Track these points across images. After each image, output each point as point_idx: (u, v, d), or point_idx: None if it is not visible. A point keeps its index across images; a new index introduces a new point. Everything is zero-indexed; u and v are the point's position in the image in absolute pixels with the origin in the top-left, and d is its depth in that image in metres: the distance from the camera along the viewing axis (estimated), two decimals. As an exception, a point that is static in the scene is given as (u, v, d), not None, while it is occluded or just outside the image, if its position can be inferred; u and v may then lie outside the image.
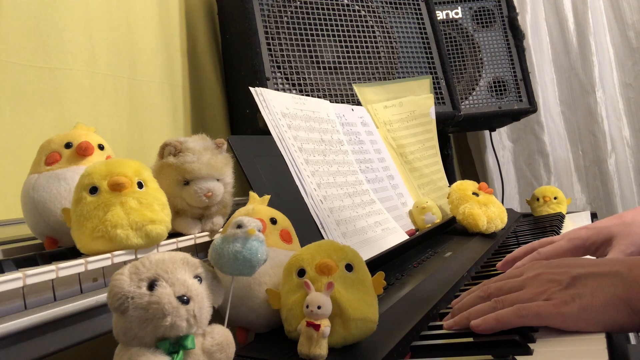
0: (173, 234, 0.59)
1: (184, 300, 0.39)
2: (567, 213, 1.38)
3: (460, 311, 0.58)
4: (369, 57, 1.27)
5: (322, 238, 0.76)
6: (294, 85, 1.13)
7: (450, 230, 1.09)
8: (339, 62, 1.22)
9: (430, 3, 1.43)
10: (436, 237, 1.04)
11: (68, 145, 0.60)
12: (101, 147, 0.62)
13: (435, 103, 1.30)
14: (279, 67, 1.12)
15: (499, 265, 0.78)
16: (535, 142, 2.01)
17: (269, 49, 1.12)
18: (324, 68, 1.19)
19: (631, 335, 0.68)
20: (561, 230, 1.11)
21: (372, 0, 1.32)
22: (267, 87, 1.00)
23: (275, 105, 0.87)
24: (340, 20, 1.25)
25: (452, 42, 1.65)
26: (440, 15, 1.63)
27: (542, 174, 2.00)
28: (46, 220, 0.56)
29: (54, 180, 0.57)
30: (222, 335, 0.42)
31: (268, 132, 0.82)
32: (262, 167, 0.75)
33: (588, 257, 0.71)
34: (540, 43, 2.00)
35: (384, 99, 1.23)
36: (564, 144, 2.02)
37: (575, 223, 1.23)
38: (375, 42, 1.29)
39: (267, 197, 0.62)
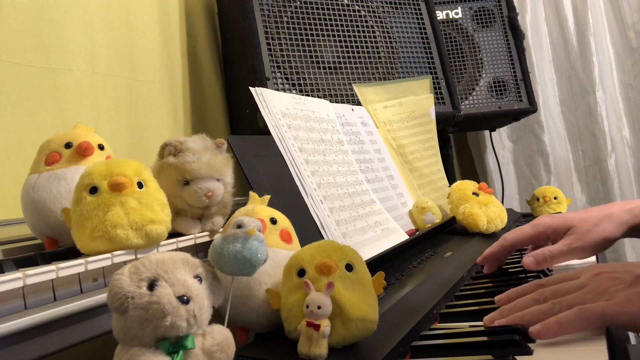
0: (173, 234, 0.59)
1: (184, 300, 0.39)
2: (567, 213, 1.38)
3: (512, 312, 0.56)
4: (369, 57, 1.27)
5: (322, 238, 0.76)
6: (294, 85, 1.13)
7: (450, 230, 1.09)
8: (339, 62, 1.22)
9: (430, 3, 1.43)
10: (436, 237, 1.03)
11: (68, 145, 0.60)
12: (101, 147, 0.62)
13: (435, 103, 1.30)
14: (279, 67, 1.12)
15: (479, 260, 0.80)
16: (535, 142, 2.01)
17: (269, 49, 1.12)
18: (324, 68, 1.19)
19: (631, 335, 0.68)
20: (561, 230, 1.11)
21: (372, 0, 1.32)
22: (267, 87, 1.00)
23: (275, 105, 0.87)
24: (340, 20, 1.24)
25: (452, 42, 1.65)
26: (440, 15, 1.63)
27: (542, 174, 2.00)
28: (46, 220, 0.56)
29: (54, 180, 0.57)
30: (222, 335, 0.42)
31: (268, 132, 0.82)
32: (262, 167, 0.75)
33: None
34: (540, 43, 2.00)
35: (384, 99, 1.23)
36: (564, 144, 2.02)
37: (575, 223, 1.22)
38: (375, 42, 1.29)
39: (267, 197, 0.62)
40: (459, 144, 2.17)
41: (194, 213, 0.63)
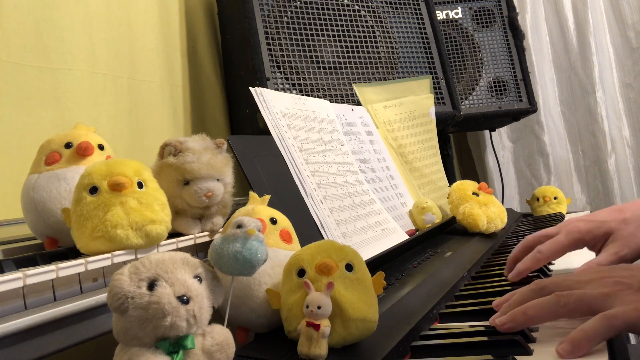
0: (173, 234, 0.59)
1: (183, 300, 0.39)
2: (567, 213, 1.38)
3: (512, 307, 0.53)
4: (369, 57, 1.27)
5: (322, 238, 0.76)
6: (294, 85, 1.13)
7: (450, 230, 1.09)
8: (339, 62, 1.22)
9: (430, 3, 1.43)
10: (436, 237, 1.03)
11: (68, 145, 0.60)
12: (101, 147, 0.62)
13: (435, 103, 1.30)
14: (279, 67, 1.12)
15: (514, 276, 0.71)
16: (535, 142, 2.01)
17: (269, 49, 1.12)
18: (324, 68, 1.19)
19: (631, 335, 0.68)
20: (561, 230, 1.11)
21: (372, 0, 1.32)
22: (267, 87, 1.00)
23: (275, 105, 0.87)
24: (340, 20, 1.24)
25: (452, 42, 1.65)
26: (440, 15, 1.63)
27: (542, 174, 2.00)
28: (46, 220, 0.56)
29: (54, 180, 0.57)
30: (222, 335, 0.42)
31: (268, 132, 0.82)
32: (262, 167, 0.75)
33: None
34: (540, 43, 2.00)
35: (384, 99, 1.23)
36: (564, 144, 2.02)
37: (575, 223, 1.22)
38: (375, 42, 1.29)
39: (267, 197, 0.62)
40: (459, 144, 2.17)
41: (194, 213, 0.63)
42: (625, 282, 0.50)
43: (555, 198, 1.36)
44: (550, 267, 0.81)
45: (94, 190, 0.51)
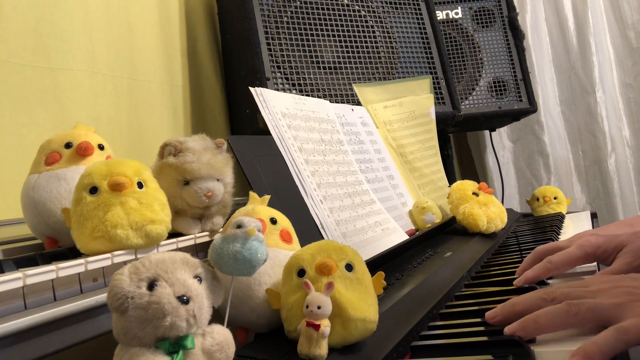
0: (173, 234, 0.59)
1: (183, 300, 0.39)
2: (567, 213, 1.38)
3: (514, 307, 0.53)
4: (369, 57, 1.27)
5: (322, 238, 0.76)
6: (294, 85, 1.13)
7: (450, 230, 1.09)
8: (339, 62, 1.22)
9: (430, 3, 1.43)
10: (436, 237, 1.03)
11: (68, 145, 0.60)
12: (101, 147, 0.62)
13: (435, 103, 1.30)
14: (279, 67, 1.12)
15: (521, 282, 0.70)
16: (535, 142, 2.01)
17: (269, 49, 1.12)
18: (324, 68, 1.19)
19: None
20: (561, 231, 1.11)
21: (372, 0, 1.32)
22: (267, 87, 1.00)
23: (275, 105, 0.87)
24: (340, 20, 1.25)
25: (452, 42, 1.65)
26: (440, 15, 1.63)
27: (542, 174, 2.00)
28: (46, 220, 0.56)
29: (54, 180, 0.57)
30: (222, 335, 0.42)
31: (268, 132, 0.82)
32: (262, 167, 0.75)
33: None
34: (540, 43, 2.00)
35: (384, 99, 1.23)
36: (564, 144, 2.02)
37: (575, 223, 1.23)
38: (375, 42, 1.29)
39: (267, 197, 0.62)
40: (459, 144, 2.17)
41: (194, 213, 0.63)
42: (636, 293, 0.49)
43: (555, 198, 1.36)
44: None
45: (94, 190, 0.51)
